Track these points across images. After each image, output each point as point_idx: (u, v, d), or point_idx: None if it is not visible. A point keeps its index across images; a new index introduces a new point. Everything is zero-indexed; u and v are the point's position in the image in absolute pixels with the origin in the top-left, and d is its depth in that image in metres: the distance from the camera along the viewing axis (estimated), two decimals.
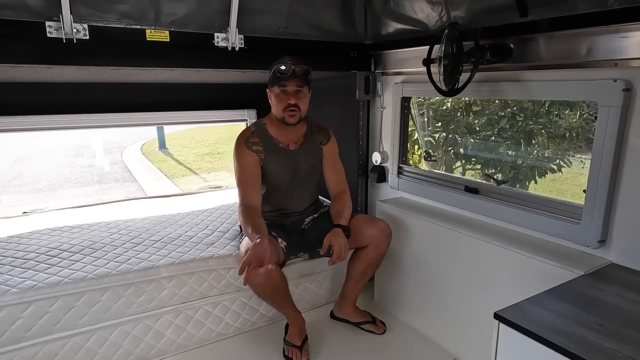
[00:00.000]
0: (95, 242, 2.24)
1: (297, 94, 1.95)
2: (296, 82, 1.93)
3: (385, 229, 2.08)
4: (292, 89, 1.94)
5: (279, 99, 1.96)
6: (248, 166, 2.01)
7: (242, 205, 1.97)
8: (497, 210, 1.93)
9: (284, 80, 1.92)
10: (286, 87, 1.94)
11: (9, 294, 1.72)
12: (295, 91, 1.95)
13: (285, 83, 1.93)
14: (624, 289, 1.33)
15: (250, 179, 2.01)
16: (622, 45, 1.40)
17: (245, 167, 2.01)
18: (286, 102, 1.94)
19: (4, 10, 1.56)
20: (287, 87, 1.94)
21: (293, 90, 1.94)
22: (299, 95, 1.96)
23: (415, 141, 3.12)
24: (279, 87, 1.94)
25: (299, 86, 1.95)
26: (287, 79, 1.91)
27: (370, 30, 2.42)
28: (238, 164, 2.03)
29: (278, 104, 1.97)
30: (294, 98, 1.94)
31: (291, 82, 1.93)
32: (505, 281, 1.76)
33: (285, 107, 1.95)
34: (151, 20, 1.83)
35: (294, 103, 1.94)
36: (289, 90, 1.94)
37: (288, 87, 1.94)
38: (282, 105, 1.95)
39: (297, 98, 1.95)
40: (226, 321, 2.16)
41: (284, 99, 1.95)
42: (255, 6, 2.02)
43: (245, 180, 2.01)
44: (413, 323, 2.29)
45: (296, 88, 1.94)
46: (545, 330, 1.09)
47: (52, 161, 10.09)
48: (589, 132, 3.26)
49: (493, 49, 1.72)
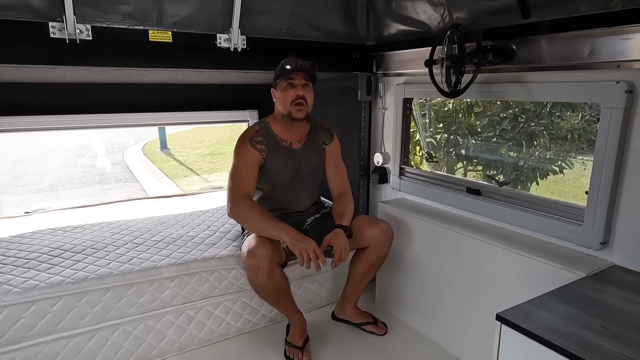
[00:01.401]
0: (97, 242, 2.25)
1: (305, 87, 1.95)
2: (303, 76, 1.94)
3: (387, 230, 2.08)
4: (300, 82, 1.94)
5: (286, 92, 1.95)
6: (249, 162, 2.00)
7: (240, 197, 1.93)
8: (499, 212, 1.93)
9: (291, 73, 1.92)
10: (293, 80, 1.93)
11: (11, 293, 1.73)
12: (303, 84, 1.95)
13: (292, 76, 1.93)
14: (626, 291, 1.33)
15: (249, 175, 1.99)
16: (625, 47, 1.40)
17: (246, 163, 2.00)
18: (294, 95, 1.93)
19: (7, 10, 1.57)
20: (294, 79, 1.93)
21: (300, 83, 1.94)
22: (306, 89, 1.96)
23: (417, 142, 3.12)
24: (285, 81, 1.94)
25: (305, 80, 1.95)
26: (295, 72, 1.92)
27: (372, 31, 2.42)
28: (238, 159, 2.01)
29: (284, 98, 1.96)
30: (302, 90, 1.94)
31: (299, 75, 1.93)
32: (507, 282, 1.76)
33: (293, 100, 1.94)
34: (154, 21, 1.84)
35: (302, 94, 1.94)
36: (296, 83, 1.94)
37: (295, 79, 1.93)
38: (289, 98, 1.94)
39: (304, 91, 1.95)
40: (227, 322, 2.16)
41: (291, 91, 1.94)
42: (258, 7, 2.03)
43: (242, 174, 1.99)
44: (414, 324, 2.29)
45: (303, 81, 1.95)
46: (547, 332, 1.09)
47: (54, 161, 10.10)
48: (591, 134, 3.26)
49: (495, 51, 1.72)
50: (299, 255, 1.80)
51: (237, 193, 1.95)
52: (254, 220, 1.90)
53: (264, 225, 1.87)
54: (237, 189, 1.96)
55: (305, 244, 1.80)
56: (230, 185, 1.98)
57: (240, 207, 1.93)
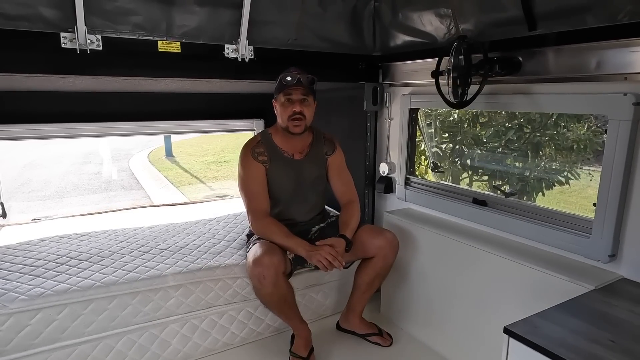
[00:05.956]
0: (103, 250, 2.26)
1: (302, 102, 1.97)
2: (301, 90, 1.95)
3: (393, 240, 2.08)
4: (298, 97, 1.96)
5: (284, 107, 1.98)
6: (256, 177, 2.04)
7: (259, 215, 2.03)
8: (506, 223, 1.92)
9: (289, 88, 1.94)
10: (291, 95, 1.96)
11: (17, 301, 1.73)
12: (301, 100, 1.96)
13: (290, 91, 1.95)
14: (635, 304, 1.31)
15: (261, 191, 2.05)
16: (633, 59, 1.40)
17: (254, 177, 2.04)
18: (291, 110, 1.96)
19: (20, 21, 1.60)
20: (292, 95, 1.95)
21: (298, 98, 1.96)
22: (304, 104, 1.98)
23: (422, 152, 3.12)
24: (284, 95, 1.96)
25: (304, 94, 1.96)
26: (293, 87, 1.93)
27: (378, 42, 2.44)
28: (245, 175, 2.06)
29: (283, 112, 1.98)
30: (299, 106, 1.96)
31: (297, 90, 1.95)
32: (514, 295, 1.74)
33: (290, 115, 1.97)
34: (163, 32, 1.86)
35: (299, 110, 1.96)
36: (294, 98, 1.96)
37: (293, 95, 1.95)
38: (287, 113, 1.97)
39: (302, 106, 1.96)
40: (232, 331, 2.15)
41: (289, 107, 1.96)
42: (265, 18, 2.05)
43: (255, 190, 2.05)
44: (420, 335, 2.27)
45: (301, 96, 1.96)
46: (556, 345, 1.08)
47: (60, 168, 10.17)
48: (597, 145, 3.24)
49: (502, 62, 1.73)
50: (318, 263, 1.88)
51: (255, 212, 2.04)
52: (273, 236, 1.99)
53: (283, 241, 1.97)
54: (254, 207, 2.05)
55: (321, 251, 1.88)
56: (247, 204, 2.07)
57: (260, 226, 2.04)
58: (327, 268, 1.88)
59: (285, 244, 1.96)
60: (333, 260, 1.86)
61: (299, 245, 1.94)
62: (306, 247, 1.93)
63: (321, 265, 1.88)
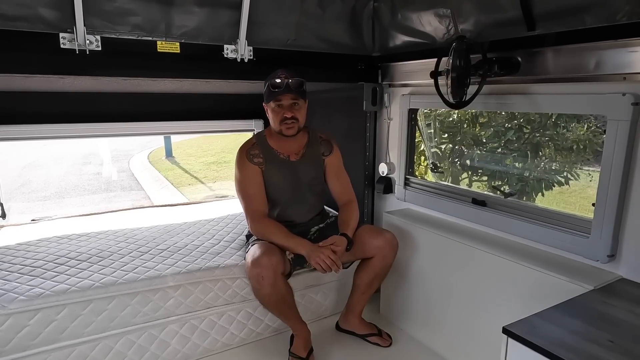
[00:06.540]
0: (102, 250, 2.26)
1: (293, 106, 1.97)
2: (291, 96, 1.95)
3: (392, 240, 2.07)
4: (288, 102, 1.96)
5: (275, 113, 1.99)
6: (253, 179, 2.05)
7: (257, 217, 2.03)
8: (505, 223, 1.92)
9: (279, 95, 1.94)
10: (282, 102, 1.96)
11: (16, 301, 1.73)
12: (291, 104, 1.97)
13: (280, 97, 1.95)
14: (634, 304, 1.31)
15: (258, 192, 2.05)
16: (631, 59, 1.40)
17: (250, 179, 2.05)
18: (282, 115, 1.97)
19: (19, 22, 1.60)
20: (282, 101, 1.96)
21: (289, 103, 1.96)
22: (295, 108, 1.98)
23: (422, 152, 3.12)
24: (274, 102, 1.97)
25: (294, 99, 1.97)
26: (282, 93, 1.93)
27: (377, 42, 2.44)
28: (242, 177, 2.06)
29: (275, 117, 1.99)
30: (290, 111, 1.96)
31: (286, 96, 1.95)
32: (513, 295, 1.74)
33: (282, 121, 1.97)
34: (162, 32, 1.86)
35: (290, 116, 1.96)
36: (284, 104, 1.96)
37: (283, 101, 1.96)
38: (278, 118, 1.98)
39: (293, 111, 1.97)
40: (231, 331, 2.15)
41: (280, 112, 1.97)
42: (265, 19, 2.05)
43: (252, 192, 2.05)
44: (419, 336, 2.27)
45: (291, 101, 1.97)
46: (555, 346, 1.08)
47: (60, 169, 10.17)
48: (597, 145, 3.24)
49: (501, 62, 1.73)
50: (316, 265, 1.87)
51: (253, 214, 2.04)
52: (273, 237, 1.99)
53: (283, 241, 1.97)
54: (252, 209, 2.05)
55: (320, 254, 1.87)
56: (244, 207, 2.08)
57: (259, 227, 2.03)
58: (324, 271, 1.88)
59: (285, 244, 1.96)
60: (332, 264, 1.86)
61: (299, 245, 1.94)
62: (307, 246, 1.93)
63: (319, 267, 1.87)
